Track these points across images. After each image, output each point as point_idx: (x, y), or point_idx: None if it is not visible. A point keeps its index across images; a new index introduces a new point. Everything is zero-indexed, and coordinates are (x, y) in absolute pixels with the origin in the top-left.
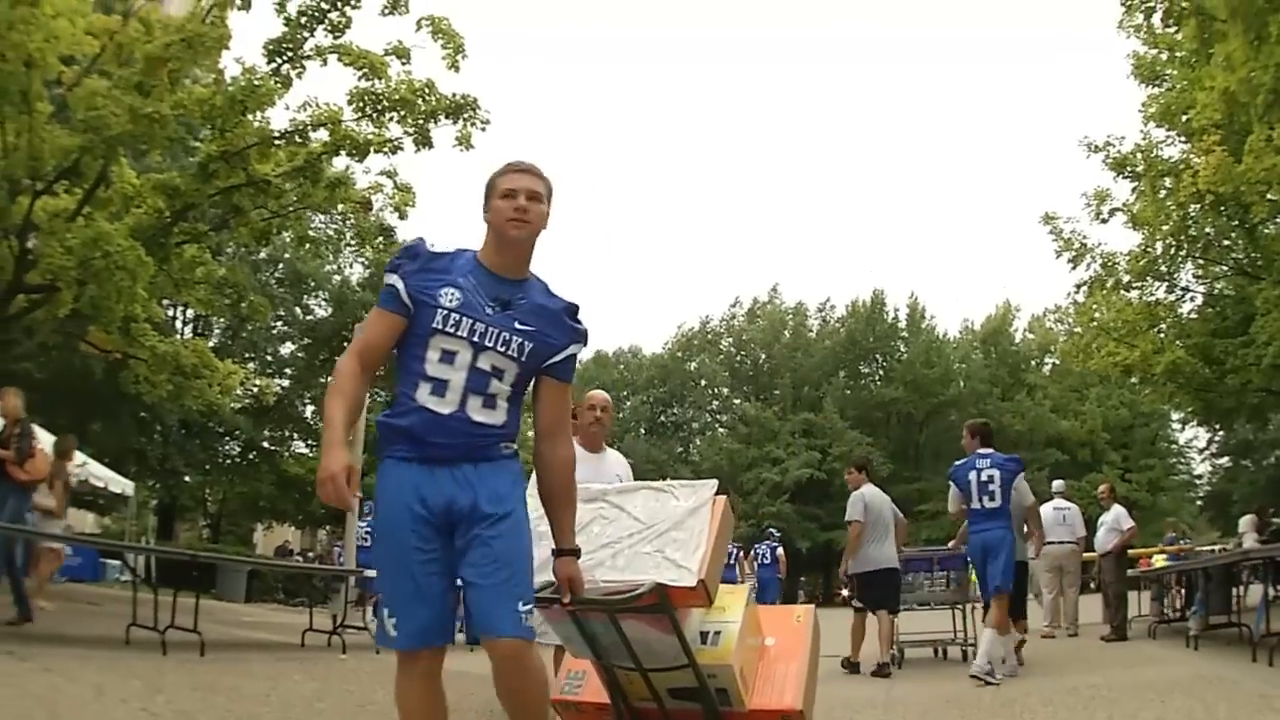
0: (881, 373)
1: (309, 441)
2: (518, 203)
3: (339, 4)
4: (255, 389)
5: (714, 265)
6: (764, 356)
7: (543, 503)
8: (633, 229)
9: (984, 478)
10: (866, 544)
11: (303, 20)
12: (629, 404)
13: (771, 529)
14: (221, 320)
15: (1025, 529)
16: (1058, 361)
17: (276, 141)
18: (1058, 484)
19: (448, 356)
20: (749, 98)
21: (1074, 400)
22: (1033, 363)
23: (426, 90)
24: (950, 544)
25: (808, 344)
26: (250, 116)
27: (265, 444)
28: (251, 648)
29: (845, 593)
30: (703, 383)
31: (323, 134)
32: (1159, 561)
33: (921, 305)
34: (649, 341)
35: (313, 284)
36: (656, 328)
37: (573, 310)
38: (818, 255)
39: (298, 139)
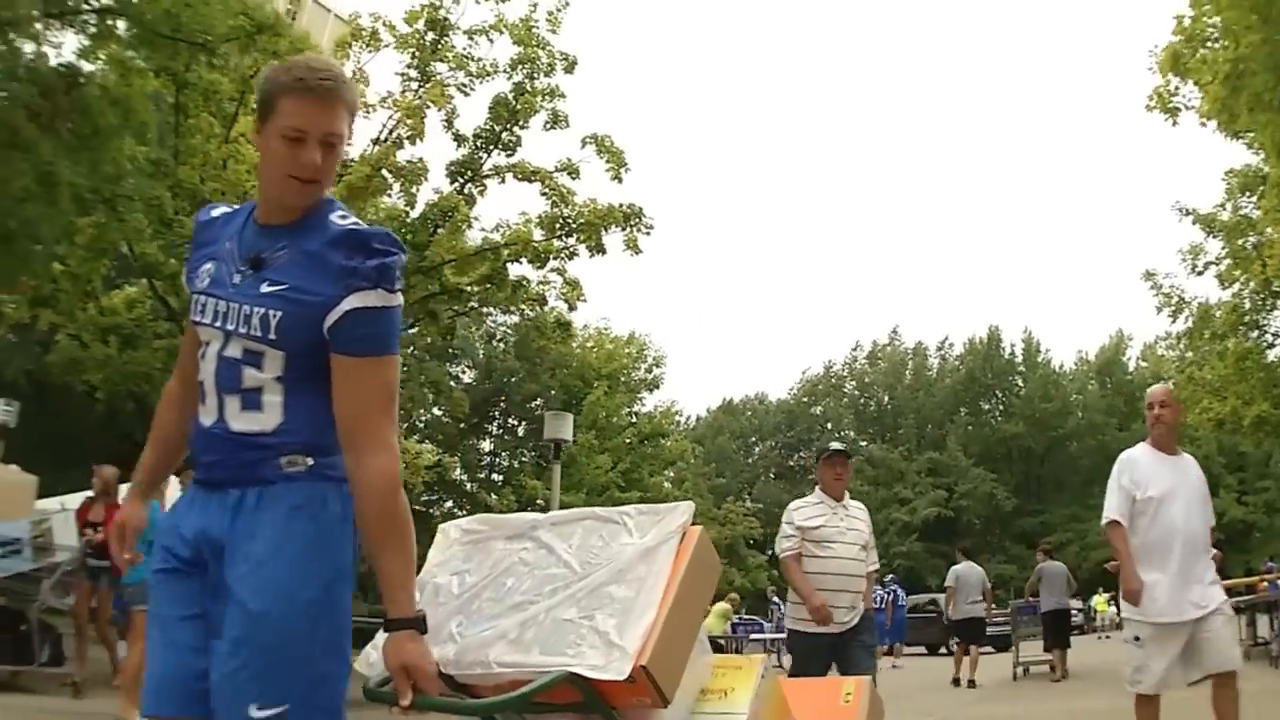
0: (1001, 408)
1: (461, 503)
2: (307, 156)
3: (509, 125)
4: (439, 466)
5: (834, 311)
6: (887, 398)
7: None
8: (755, 280)
9: None
10: (961, 602)
11: (478, 143)
12: (757, 450)
13: (890, 574)
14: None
15: None
16: (1171, 387)
17: (471, 259)
18: None
19: (204, 351)
20: (861, 152)
21: (1188, 426)
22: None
23: (607, 212)
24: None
25: (929, 384)
26: (441, 232)
27: (417, 507)
28: None
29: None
30: (829, 426)
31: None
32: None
33: (1036, 339)
34: (775, 388)
35: (459, 352)
36: (781, 374)
37: (354, 239)
38: (933, 294)
39: (489, 255)
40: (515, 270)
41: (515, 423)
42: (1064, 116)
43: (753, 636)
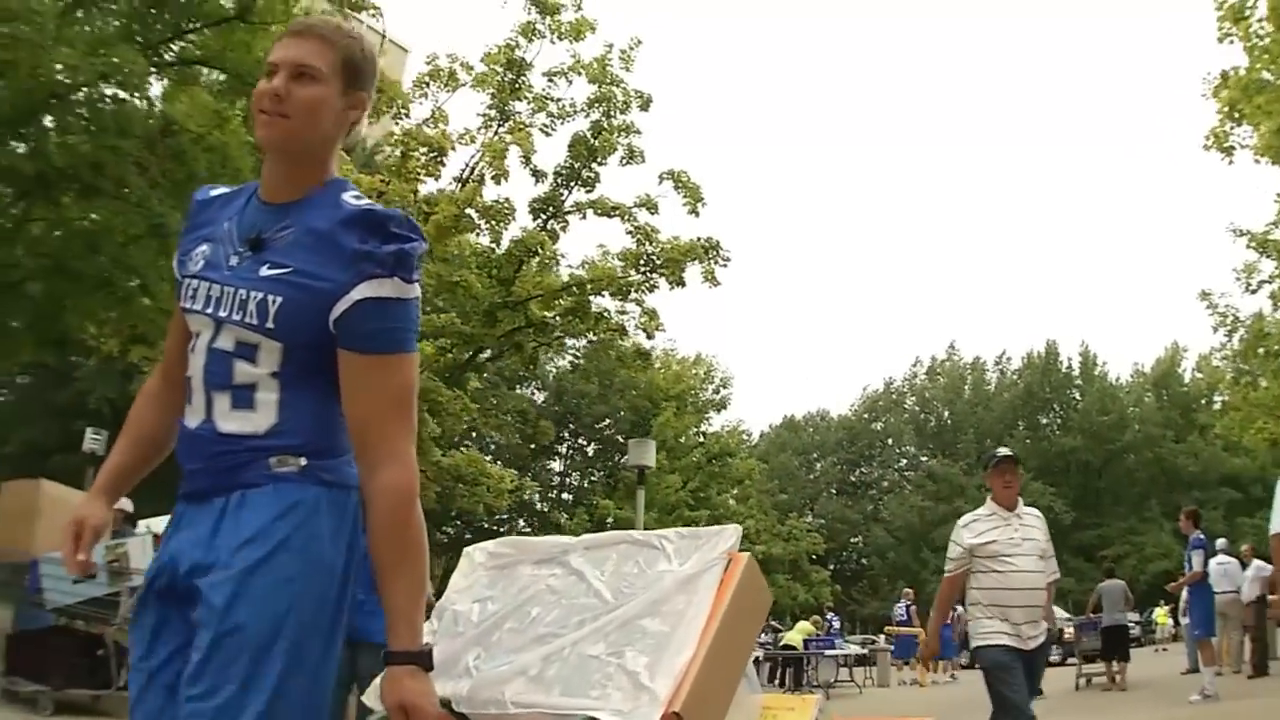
0: (1059, 422)
1: (533, 523)
2: (271, 85)
3: (588, 162)
4: (518, 489)
5: (893, 327)
6: (947, 413)
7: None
8: (815, 297)
9: None
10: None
11: (558, 180)
12: (819, 466)
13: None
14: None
15: None
16: (1226, 398)
17: (559, 294)
18: (1221, 542)
19: (193, 344)
20: (919, 172)
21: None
22: (1203, 401)
23: (689, 249)
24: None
25: (987, 398)
26: (527, 267)
27: (484, 524)
28: None
29: None
30: (889, 442)
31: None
32: None
33: (1093, 353)
34: (836, 404)
35: (532, 376)
36: (842, 391)
37: (369, 219)
38: (990, 309)
39: (574, 290)
40: (597, 302)
41: (584, 443)
42: (1119, 133)
43: (826, 653)
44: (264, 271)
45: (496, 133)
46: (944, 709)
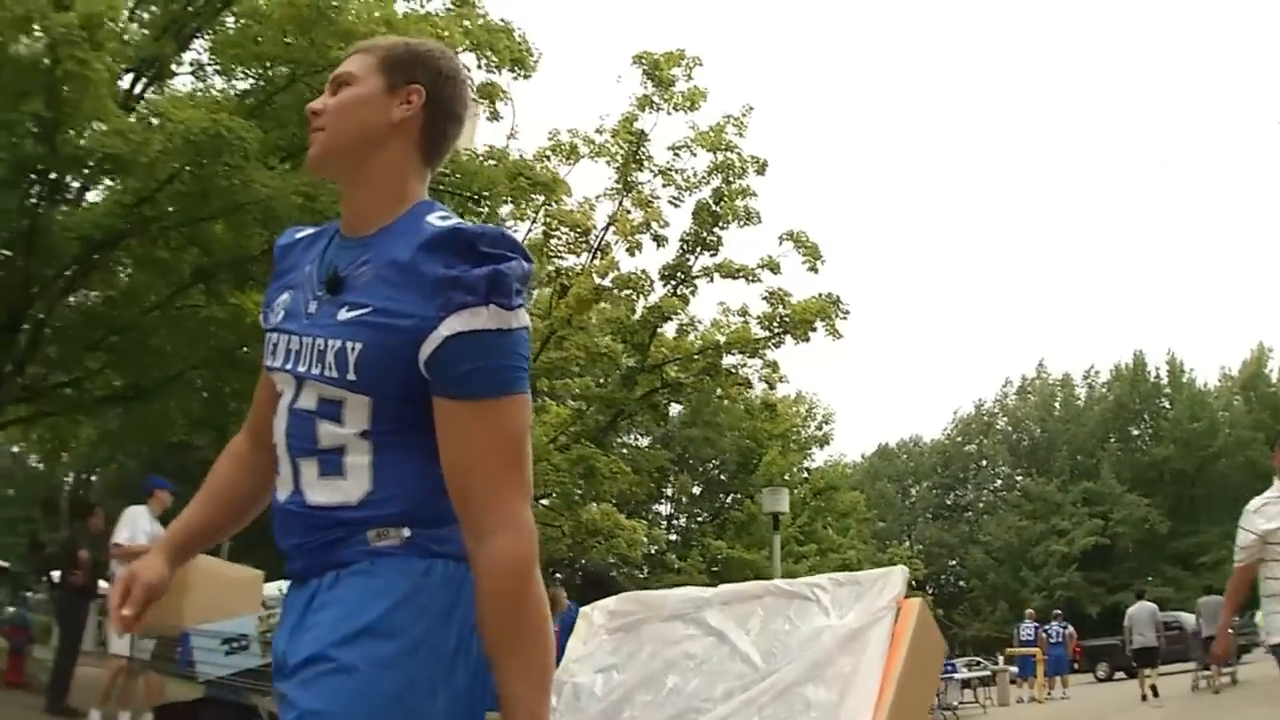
0: (1151, 432)
1: (640, 566)
2: (312, 105)
3: (711, 228)
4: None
5: (981, 349)
6: (1039, 431)
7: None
8: (901, 324)
9: None
10: (1135, 635)
11: (684, 246)
12: (914, 492)
13: (1057, 610)
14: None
15: None
16: None
17: (695, 357)
18: None
19: (277, 405)
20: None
21: None
22: None
23: (819, 309)
24: None
25: (1079, 414)
26: (662, 332)
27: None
28: None
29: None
30: (983, 463)
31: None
32: None
33: (1180, 360)
34: (928, 429)
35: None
36: (934, 416)
37: (454, 239)
38: (1076, 323)
39: (710, 352)
40: (727, 360)
41: (690, 483)
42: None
43: (959, 676)
44: (341, 315)
45: (621, 203)
46: None
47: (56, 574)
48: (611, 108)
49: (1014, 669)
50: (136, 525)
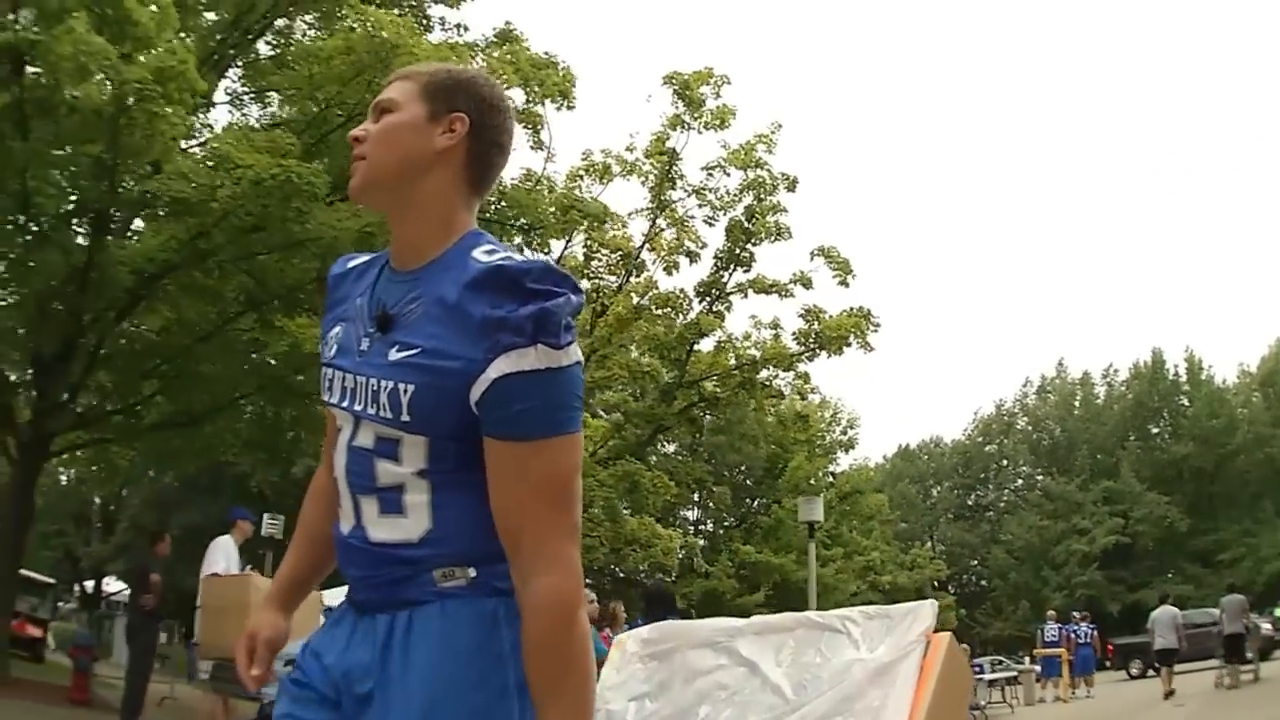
0: (1170, 430)
1: (669, 574)
2: (354, 133)
3: (744, 245)
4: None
5: (1000, 349)
6: (1059, 430)
7: None
8: (920, 325)
9: None
10: (1156, 637)
11: (718, 263)
12: (935, 492)
13: (1085, 611)
14: None
15: None
16: None
17: (733, 373)
18: None
19: (337, 440)
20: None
21: None
22: None
23: (853, 324)
24: None
25: (1098, 412)
26: (699, 349)
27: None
28: None
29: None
30: (1004, 463)
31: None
32: None
33: (1198, 357)
34: (948, 430)
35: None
36: (954, 416)
37: (499, 277)
38: (1094, 322)
39: (747, 368)
40: (761, 373)
41: (718, 489)
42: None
43: (987, 677)
44: (393, 355)
45: (655, 221)
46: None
47: (90, 584)
48: (640, 125)
49: (1039, 669)
50: (231, 556)
